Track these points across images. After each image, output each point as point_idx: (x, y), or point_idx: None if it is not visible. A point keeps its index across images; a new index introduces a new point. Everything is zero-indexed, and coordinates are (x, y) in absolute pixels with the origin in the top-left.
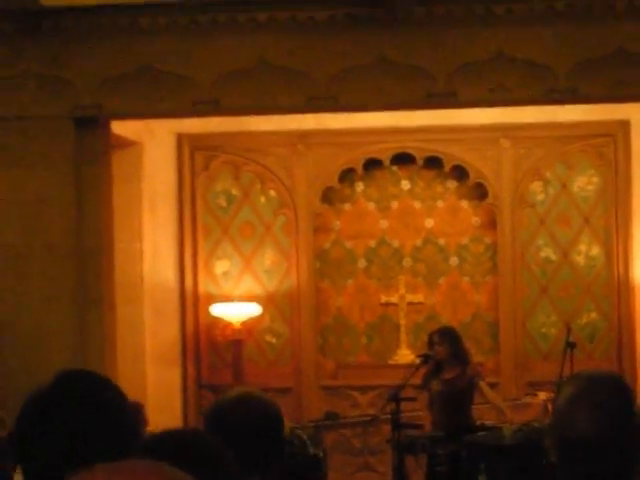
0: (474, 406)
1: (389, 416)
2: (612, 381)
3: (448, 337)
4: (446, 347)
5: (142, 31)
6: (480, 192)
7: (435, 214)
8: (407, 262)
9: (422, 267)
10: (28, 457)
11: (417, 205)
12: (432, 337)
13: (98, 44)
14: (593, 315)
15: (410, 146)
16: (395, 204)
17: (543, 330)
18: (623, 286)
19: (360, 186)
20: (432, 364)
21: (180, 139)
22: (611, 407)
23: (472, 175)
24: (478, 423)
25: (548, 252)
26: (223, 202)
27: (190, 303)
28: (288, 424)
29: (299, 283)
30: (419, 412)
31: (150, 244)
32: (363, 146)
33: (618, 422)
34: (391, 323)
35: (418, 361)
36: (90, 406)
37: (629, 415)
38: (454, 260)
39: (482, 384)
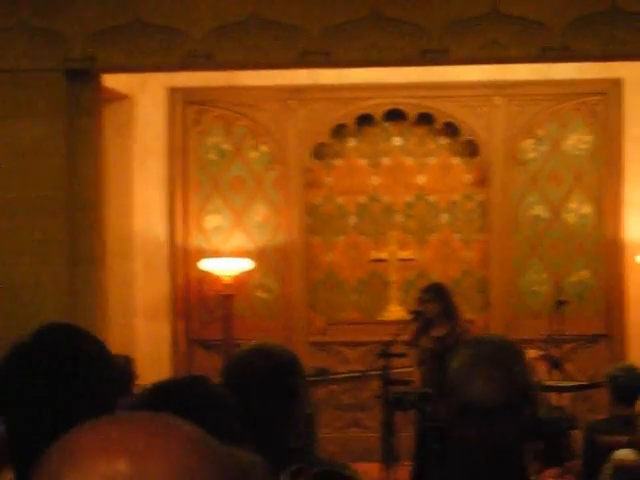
0: None
1: (379, 372)
2: (507, 347)
3: (439, 294)
4: (437, 304)
5: None
6: (472, 149)
7: (426, 171)
8: (398, 218)
9: (413, 224)
10: (7, 408)
11: (408, 161)
12: (423, 294)
13: None
14: (583, 273)
15: (402, 102)
16: (386, 160)
17: (533, 288)
18: (613, 245)
19: (352, 142)
20: (422, 321)
21: (172, 93)
22: (506, 375)
23: (464, 132)
24: None
25: (539, 210)
26: (214, 156)
27: (180, 258)
28: None
29: (290, 238)
30: (409, 368)
31: (141, 198)
32: (355, 102)
33: (512, 389)
34: (381, 279)
35: (409, 317)
36: (70, 358)
37: (523, 383)
38: (445, 217)
39: None
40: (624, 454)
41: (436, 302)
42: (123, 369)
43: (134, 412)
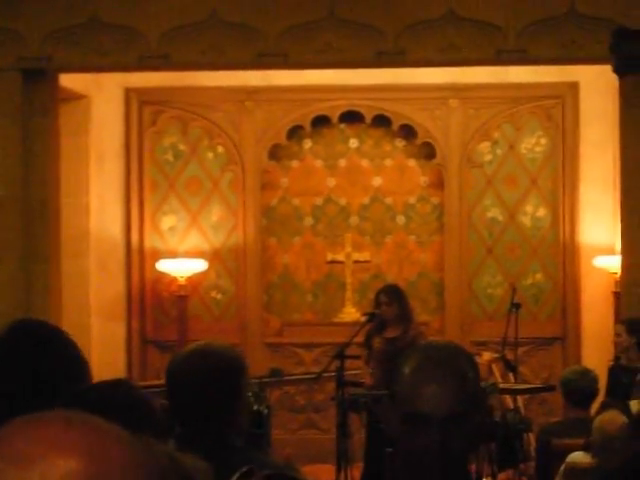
0: None
1: (333, 374)
2: (460, 353)
3: (396, 296)
4: (394, 307)
5: None
6: (428, 152)
7: (383, 173)
8: (354, 220)
9: (369, 225)
10: None
11: (365, 163)
12: (379, 296)
13: None
14: (538, 276)
15: (359, 104)
16: (343, 162)
17: (488, 290)
18: (569, 248)
19: (308, 143)
20: (376, 322)
21: (128, 93)
22: (459, 382)
23: (420, 134)
24: None
25: (495, 213)
26: (170, 157)
27: (136, 258)
28: None
29: (245, 240)
30: (363, 370)
31: (97, 198)
32: (311, 103)
33: (465, 397)
34: (337, 281)
35: (363, 319)
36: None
37: (475, 390)
38: (401, 219)
39: None
40: (578, 457)
41: (394, 304)
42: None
43: (67, 411)
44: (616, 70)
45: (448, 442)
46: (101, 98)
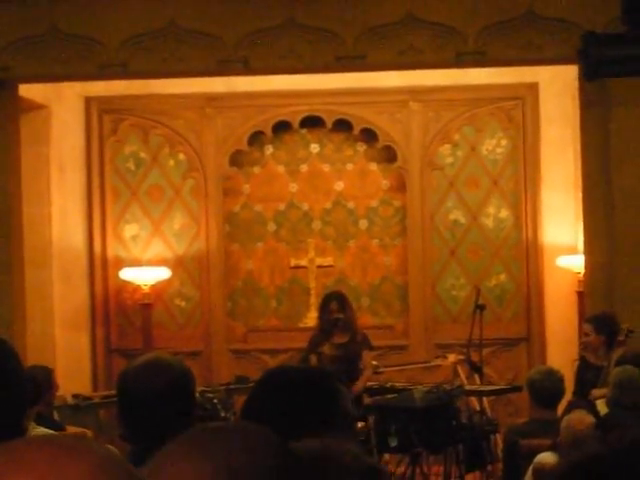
0: (385, 369)
1: None
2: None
3: (346, 302)
4: (348, 313)
5: None
6: (389, 155)
7: (344, 177)
8: (316, 225)
9: (331, 230)
10: None
11: (326, 168)
12: (330, 303)
13: (4, 6)
14: (502, 277)
15: (319, 109)
16: (304, 167)
17: (452, 292)
18: (531, 248)
19: (269, 149)
20: (327, 328)
21: (88, 102)
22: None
23: (381, 138)
24: (388, 385)
25: (457, 215)
26: (132, 166)
27: (99, 267)
28: (198, 388)
29: (208, 246)
30: None
31: (58, 208)
32: (272, 109)
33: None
34: (301, 286)
35: (329, 324)
36: None
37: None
38: (363, 223)
39: (365, 353)
40: (546, 457)
41: (344, 310)
42: (42, 380)
43: (39, 436)
44: (585, 75)
45: None
46: (61, 108)
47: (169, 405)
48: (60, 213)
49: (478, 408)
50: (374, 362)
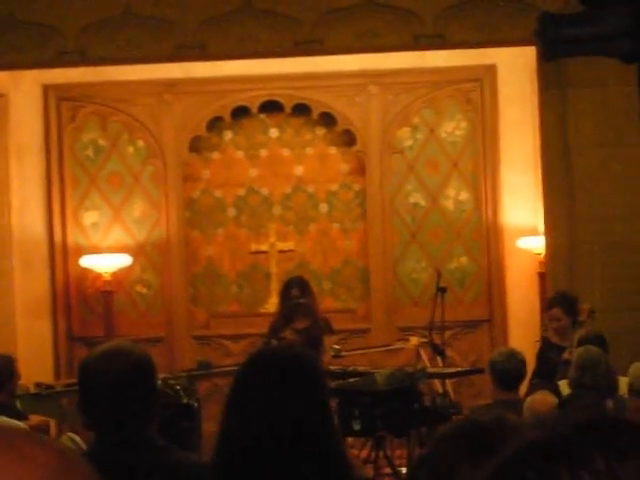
0: (348, 353)
1: None
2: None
3: (307, 288)
4: (309, 298)
5: None
6: (348, 139)
7: (304, 161)
8: (277, 210)
9: (292, 215)
10: None
11: (286, 153)
12: (290, 290)
13: None
14: (463, 260)
15: (278, 93)
16: (264, 152)
17: (413, 275)
18: (492, 230)
19: (228, 135)
20: (287, 313)
21: (46, 90)
22: None
23: (340, 122)
24: (351, 369)
25: (417, 198)
26: (91, 153)
27: (59, 255)
28: (161, 375)
29: (169, 233)
30: None
31: (18, 196)
32: (231, 94)
33: None
34: (262, 272)
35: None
36: None
37: None
38: (324, 207)
39: (326, 338)
40: None
41: (305, 296)
42: (4, 369)
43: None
44: (543, 56)
45: None
46: (19, 95)
47: (130, 393)
48: (19, 201)
49: (441, 390)
50: (336, 346)
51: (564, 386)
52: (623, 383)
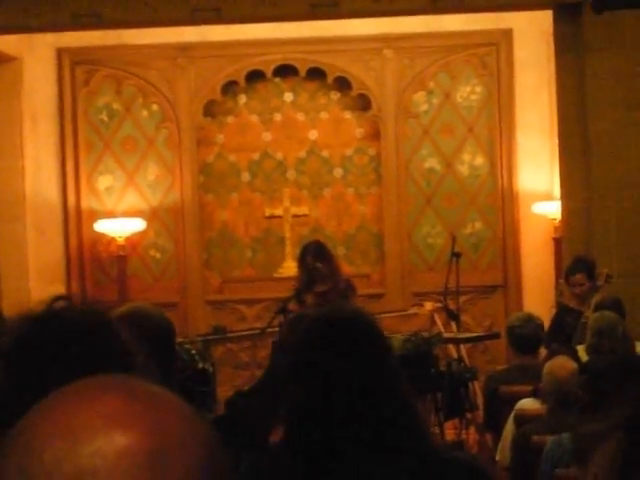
0: None
1: (277, 329)
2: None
3: (322, 254)
4: (327, 262)
5: None
6: (363, 103)
7: (319, 126)
8: (291, 174)
9: (306, 179)
10: None
11: (300, 117)
12: (305, 258)
13: None
14: (478, 225)
15: (293, 57)
16: (278, 116)
17: (428, 240)
18: (507, 195)
19: (243, 99)
20: (306, 277)
21: (60, 53)
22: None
23: (355, 86)
24: None
25: (432, 162)
26: (105, 117)
27: (73, 220)
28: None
29: (183, 197)
30: None
31: (32, 161)
32: (245, 58)
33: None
34: (276, 236)
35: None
36: None
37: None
38: (338, 171)
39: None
40: (527, 403)
41: (322, 263)
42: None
43: (113, 378)
44: (593, 7)
45: None
46: (33, 59)
47: (150, 356)
48: (33, 166)
49: (456, 356)
50: None
51: (581, 351)
52: None
